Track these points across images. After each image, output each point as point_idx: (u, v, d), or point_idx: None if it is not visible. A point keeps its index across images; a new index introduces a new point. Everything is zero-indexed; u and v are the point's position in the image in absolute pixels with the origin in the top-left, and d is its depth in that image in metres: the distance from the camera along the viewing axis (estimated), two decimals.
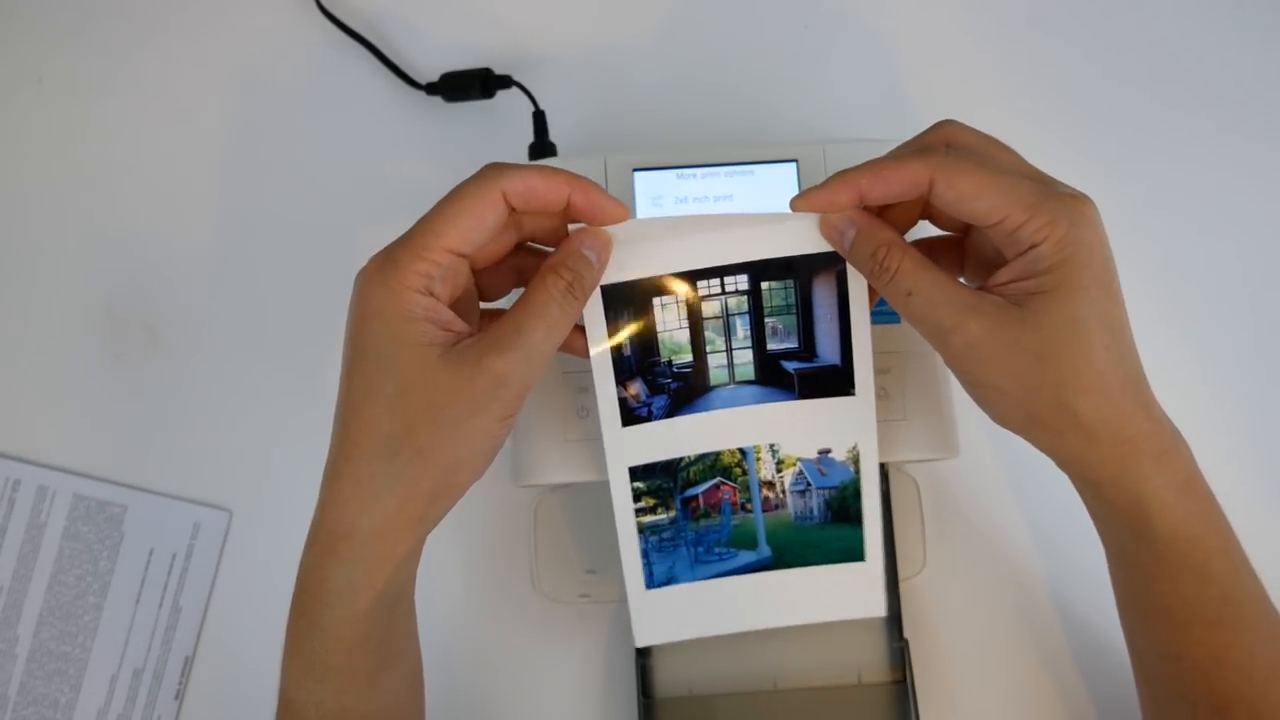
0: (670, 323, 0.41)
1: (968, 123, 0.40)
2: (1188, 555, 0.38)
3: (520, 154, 0.55)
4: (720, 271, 0.41)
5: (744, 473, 0.43)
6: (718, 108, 0.59)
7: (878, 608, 0.44)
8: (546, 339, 0.38)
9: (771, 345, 0.42)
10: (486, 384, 0.37)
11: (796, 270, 0.41)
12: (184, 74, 0.60)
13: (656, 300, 0.41)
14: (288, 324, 0.57)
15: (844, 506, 0.43)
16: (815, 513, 0.43)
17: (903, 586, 0.51)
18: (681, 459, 0.42)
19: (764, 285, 0.41)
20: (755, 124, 0.59)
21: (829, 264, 0.41)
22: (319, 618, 0.38)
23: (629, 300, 0.41)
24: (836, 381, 0.42)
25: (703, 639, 0.46)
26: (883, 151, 0.49)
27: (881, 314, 0.46)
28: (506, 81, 0.57)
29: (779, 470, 0.43)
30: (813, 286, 0.42)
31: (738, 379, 0.42)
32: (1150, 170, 0.58)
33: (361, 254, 0.57)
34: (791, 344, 0.42)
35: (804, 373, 0.42)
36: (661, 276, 0.41)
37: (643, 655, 0.50)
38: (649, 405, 0.42)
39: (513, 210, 0.38)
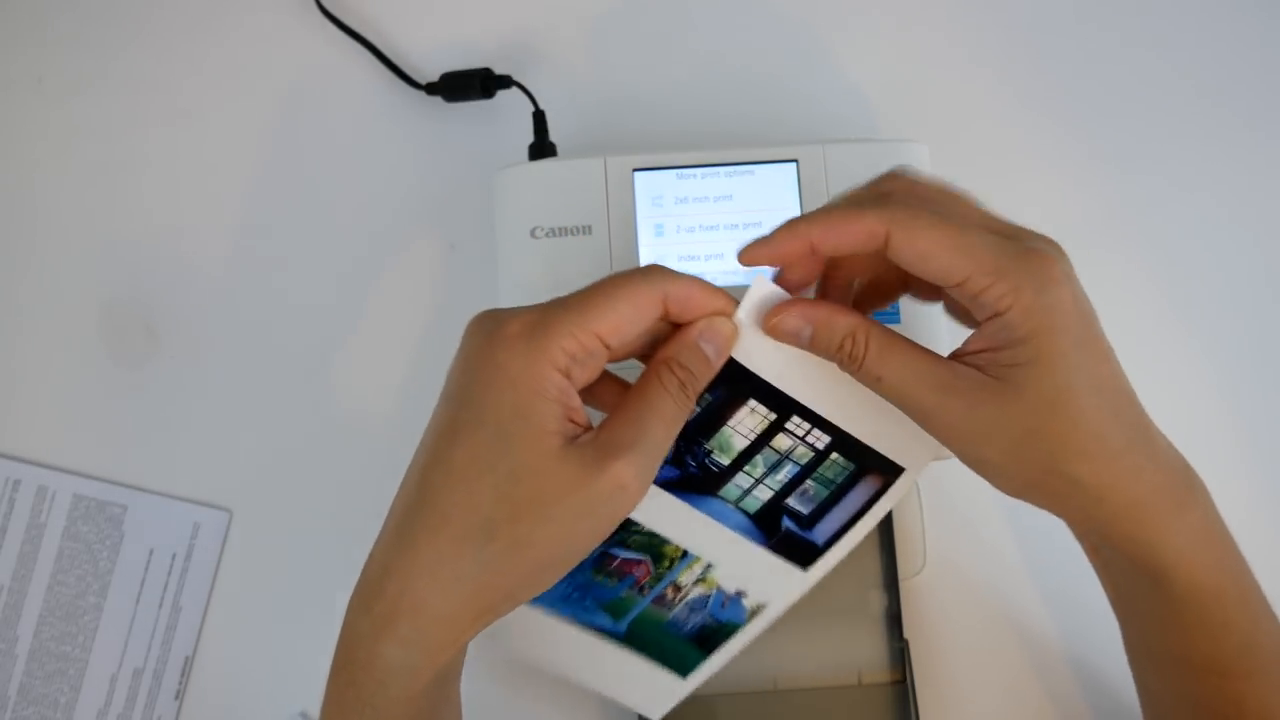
0: (743, 427, 0.40)
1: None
2: (1208, 608, 0.37)
3: (520, 154, 0.55)
4: (815, 420, 0.40)
5: (670, 567, 0.42)
6: (718, 108, 0.59)
7: (655, 713, 0.45)
8: (667, 438, 0.36)
9: (790, 500, 0.41)
10: (607, 488, 0.34)
11: (862, 458, 0.41)
12: (184, 74, 0.60)
13: (752, 401, 0.39)
14: (287, 323, 0.57)
15: (711, 637, 0.43)
16: (686, 628, 0.43)
17: (903, 586, 0.51)
18: (637, 524, 0.41)
19: (833, 455, 0.41)
20: (755, 124, 0.59)
21: (886, 469, 0.41)
22: (370, 695, 0.36)
23: (735, 380, 0.39)
24: (804, 554, 0.42)
25: None
26: (882, 151, 0.49)
27: (881, 314, 0.46)
28: (506, 81, 0.57)
29: (695, 584, 0.42)
30: (861, 478, 0.41)
31: (740, 505, 0.41)
32: (1155, 165, 0.58)
33: (359, 254, 0.58)
34: (805, 510, 0.42)
35: (790, 535, 0.42)
36: (776, 388, 0.39)
37: None
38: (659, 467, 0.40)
39: (663, 316, 0.36)
